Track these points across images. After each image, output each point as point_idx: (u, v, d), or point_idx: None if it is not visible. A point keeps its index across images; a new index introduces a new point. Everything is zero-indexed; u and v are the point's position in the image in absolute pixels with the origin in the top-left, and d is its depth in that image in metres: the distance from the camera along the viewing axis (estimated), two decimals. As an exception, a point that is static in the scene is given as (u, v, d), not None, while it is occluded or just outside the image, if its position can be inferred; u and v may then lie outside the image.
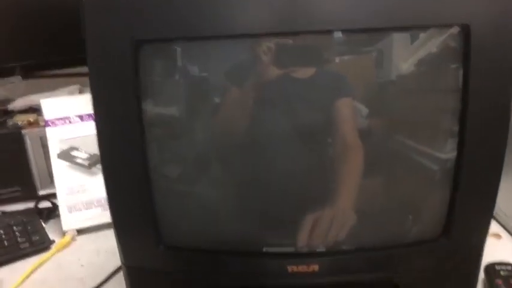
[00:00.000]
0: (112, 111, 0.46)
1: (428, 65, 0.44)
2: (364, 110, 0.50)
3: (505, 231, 0.79)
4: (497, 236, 0.77)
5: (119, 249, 0.51)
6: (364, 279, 0.50)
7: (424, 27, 0.43)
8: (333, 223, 0.49)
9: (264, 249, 0.49)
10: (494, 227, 0.80)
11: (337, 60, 0.47)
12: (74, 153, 0.85)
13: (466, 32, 0.41)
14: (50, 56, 1.03)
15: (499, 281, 0.62)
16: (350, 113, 0.48)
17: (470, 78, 0.42)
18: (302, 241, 0.49)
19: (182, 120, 0.49)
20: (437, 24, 0.42)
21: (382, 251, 0.49)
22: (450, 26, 0.42)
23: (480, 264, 0.52)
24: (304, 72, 0.46)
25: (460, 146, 0.46)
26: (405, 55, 0.45)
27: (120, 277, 0.67)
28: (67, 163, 0.84)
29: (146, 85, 0.45)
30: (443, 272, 0.51)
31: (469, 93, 0.42)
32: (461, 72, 0.43)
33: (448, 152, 0.48)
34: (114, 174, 0.47)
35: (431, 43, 0.44)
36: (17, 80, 1.09)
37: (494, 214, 0.82)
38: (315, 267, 0.48)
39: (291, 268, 0.48)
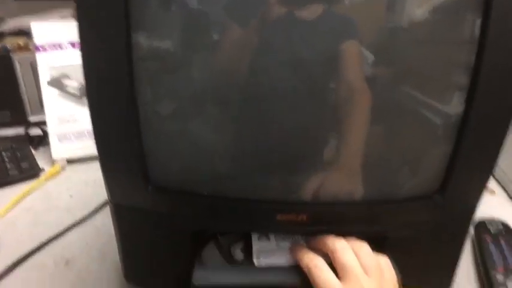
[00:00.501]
0: (99, 41, 0.42)
1: (444, 13, 0.41)
2: (370, 57, 0.46)
3: (500, 187, 0.78)
4: (492, 192, 0.77)
5: (105, 186, 0.50)
6: (352, 231, 0.49)
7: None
8: (330, 173, 0.47)
9: (254, 196, 0.48)
10: (491, 182, 0.79)
11: (346, 0, 0.43)
12: (65, 81, 0.81)
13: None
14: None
15: (488, 238, 0.62)
16: (356, 58, 0.44)
17: (489, 30, 0.39)
18: (294, 190, 0.48)
19: (177, 55, 0.46)
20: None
21: (375, 204, 0.47)
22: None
23: (471, 223, 0.51)
24: (311, 12, 0.42)
25: (468, 102, 0.43)
26: (420, 1, 0.41)
27: (107, 210, 0.66)
28: (58, 91, 0.81)
29: (138, 15, 0.42)
30: (434, 228, 0.50)
31: (485, 46, 0.39)
32: (479, 22, 0.39)
33: (455, 107, 0.45)
34: (101, 109, 0.44)
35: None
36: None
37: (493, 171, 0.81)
38: (304, 217, 0.47)
39: (279, 216, 0.46)
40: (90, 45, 0.42)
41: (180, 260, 0.52)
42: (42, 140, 0.87)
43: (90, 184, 0.77)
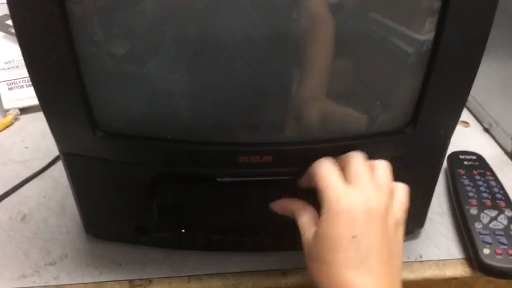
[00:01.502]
0: None
1: None
2: None
3: (473, 118, 0.76)
4: (465, 123, 0.75)
5: (52, 134, 0.46)
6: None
7: None
8: (294, 110, 0.44)
9: (215, 139, 0.44)
10: (464, 114, 0.77)
11: None
12: (10, 22, 0.74)
13: None
14: None
15: (462, 171, 0.60)
16: None
17: None
18: (257, 130, 0.44)
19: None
20: None
21: (345, 141, 0.44)
22: None
23: (445, 156, 0.49)
24: None
25: (439, 27, 0.39)
26: None
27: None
28: (2, 33, 0.74)
29: None
30: (406, 164, 0.47)
31: None
32: None
33: (426, 33, 0.42)
34: (33, 48, 0.39)
35: None
36: None
37: (467, 103, 0.79)
38: (268, 158, 0.43)
39: (242, 158, 0.43)
40: None
41: (140, 208, 0.49)
42: (-8, 90, 0.81)
43: (46, 134, 0.71)
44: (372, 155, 0.45)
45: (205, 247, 0.52)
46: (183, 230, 0.51)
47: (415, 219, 0.53)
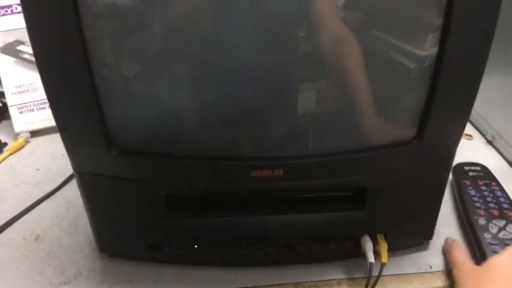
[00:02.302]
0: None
1: None
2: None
3: (476, 131, 0.77)
4: (468, 136, 0.76)
5: (68, 154, 0.47)
6: (332, 183, 0.47)
7: None
8: (304, 126, 0.45)
9: (226, 153, 0.45)
10: (468, 127, 0.78)
11: None
12: (20, 47, 0.76)
13: None
14: None
15: (467, 182, 0.61)
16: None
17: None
18: (267, 145, 0.46)
19: (133, 11, 0.42)
20: None
21: (353, 154, 0.45)
22: None
23: (451, 168, 0.50)
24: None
25: (442, 43, 0.41)
26: None
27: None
28: (13, 59, 0.76)
29: None
30: (414, 175, 0.48)
31: None
32: None
33: (428, 49, 0.43)
34: (52, 72, 0.41)
35: None
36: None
37: (471, 116, 0.80)
38: (280, 172, 0.44)
39: (254, 173, 0.44)
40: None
41: (153, 225, 0.50)
42: (3, 114, 0.83)
43: (57, 156, 0.74)
44: (380, 167, 0.47)
45: (218, 262, 0.52)
46: (196, 246, 0.51)
47: (424, 231, 0.54)
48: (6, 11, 0.76)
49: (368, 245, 0.51)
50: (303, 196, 0.51)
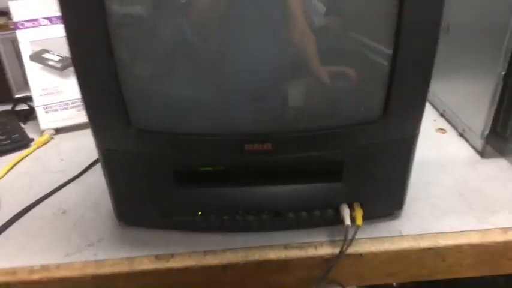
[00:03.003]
0: (77, 11, 0.48)
1: None
2: (322, 8, 0.54)
3: (450, 125, 0.87)
4: (443, 130, 0.85)
5: (93, 135, 0.57)
6: (313, 157, 0.56)
7: None
8: (289, 107, 0.55)
9: (225, 131, 0.55)
10: (442, 123, 0.88)
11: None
12: (46, 55, 0.87)
13: None
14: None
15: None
16: (300, 10, 0.52)
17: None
18: (258, 123, 0.55)
19: (150, 19, 0.53)
20: None
21: (332, 129, 0.55)
22: None
23: (416, 145, 0.59)
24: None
25: (396, 42, 0.51)
26: None
27: (98, 168, 0.73)
28: (40, 65, 0.87)
29: None
30: (382, 150, 0.57)
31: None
32: None
33: (390, 46, 0.53)
34: (83, 65, 0.51)
35: None
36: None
37: (443, 112, 0.90)
38: (269, 146, 0.54)
39: (247, 146, 0.54)
40: (70, 13, 0.49)
41: (164, 195, 0.60)
42: (29, 115, 0.93)
43: (78, 149, 0.84)
44: (353, 142, 0.56)
45: (218, 228, 0.61)
46: (199, 213, 0.61)
47: (394, 201, 0.63)
48: (34, 23, 0.87)
49: (345, 211, 0.60)
50: (290, 170, 0.60)
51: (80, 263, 0.59)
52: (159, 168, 0.58)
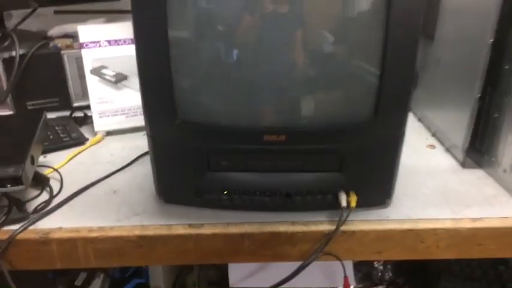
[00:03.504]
0: (148, 34, 0.66)
1: (377, 4, 0.65)
2: (331, 38, 0.71)
3: (439, 142, 1.01)
4: (433, 146, 1.00)
5: (145, 123, 0.73)
6: (318, 148, 0.72)
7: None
8: (298, 108, 0.71)
9: (248, 125, 0.71)
10: (433, 141, 1.03)
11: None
12: (104, 71, 1.06)
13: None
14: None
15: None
16: (301, 38, 0.68)
17: (391, 15, 0.63)
18: (275, 119, 0.72)
19: (195, 43, 0.70)
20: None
21: (331, 127, 0.71)
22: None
23: (402, 143, 0.73)
24: (285, 8, 0.67)
25: (382, 66, 0.66)
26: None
27: (142, 161, 0.90)
28: (98, 78, 1.05)
29: (173, 17, 0.66)
30: (374, 146, 0.72)
31: (389, 27, 0.63)
32: (384, 23, 0.64)
33: (376, 68, 0.68)
34: (146, 71, 0.68)
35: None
36: (49, 13, 1.29)
37: (434, 132, 1.04)
38: (283, 137, 0.70)
39: (266, 137, 0.70)
40: (142, 36, 0.67)
41: (197, 176, 0.75)
42: (84, 121, 1.11)
43: (125, 147, 1.00)
44: (351, 138, 0.71)
45: (239, 206, 0.76)
46: (225, 192, 0.76)
47: (385, 191, 0.77)
48: (96, 45, 1.06)
49: (343, 197, 0.74)
50: (298, 162, 0.75)
51: (129, 226, 0.74)
52: (196, 154, 0.74)
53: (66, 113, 1.13)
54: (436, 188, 0.84)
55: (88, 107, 1.10)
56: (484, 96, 0.85)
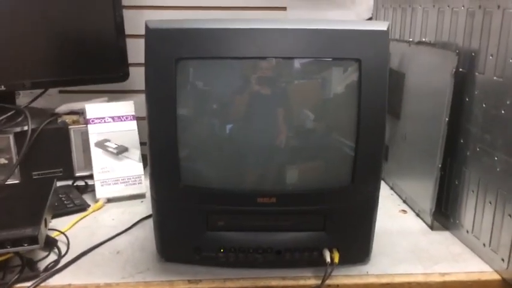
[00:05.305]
0: (156, 110, 0.78)
1: (350, 88, 0.79)
2: (311, 116, 0.84)
3: (409, 208, 1.13)
4: (404, 211, 1.11)
5: (151, 188, 0.83)
6: (304, 209, 0.82)
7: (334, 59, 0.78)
8: (286, 174, 0.82)
9: (243, 189, 0.82)
10: (404, 206, 1.14)
11: (294, 82, 0.82)
12: (107, 143, 1.16)
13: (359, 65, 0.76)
14: (82, 74, 1.34)
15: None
16: (283, 116, 0.81)
17: (361, 98, 0.77)
18: (267, 183, 0.83)
19: (195, 117, 0.82)
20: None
21: (314, 190, 0.82)
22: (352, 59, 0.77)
23: (376, 208, 0.85)
24: (268, 91, 0.81)
25: (357, 139, 0.79)
26: (339, 81, 0.80)
27: (142, 224, 0.99)
28: (101, 150, 1.15)
29: (181, 96, 0.78)
30: (352, 210, 0.83)
31: (361, 108, 0.77)
32: (356, 101, 0.78)
33: (351, 141, 0.81)
34: (155, 143, 0.79)
35: (353, 75, 0.79)
36: (54, 93, 1.42)
37: (405, 199, 1.16)
38: (274, 199, 0.80)
39: (259, 199, 0.80)
40: (153, 113, 0.79)
41: (196, 235, 0.84)
42: (85, 189, 1.20)
43: (125, 213, 1.09)
44: (332, 201, 0.82)
45: (234, 263, 0.85)
46: (222, 250, 0.84)
47: (363, 250, 0.87)
48: (100, 121, 1.18)
49: (326, 253, 0.84)
50: (287, 222, 0.85)
51: (133, 282, 0.82)
52: (196, 215, 0.83)
53: (68, 182, 1.22)
54: (408, 247, 0.94)
55: (89, 177, 1.19)
56: (444, 166, 0.98)
